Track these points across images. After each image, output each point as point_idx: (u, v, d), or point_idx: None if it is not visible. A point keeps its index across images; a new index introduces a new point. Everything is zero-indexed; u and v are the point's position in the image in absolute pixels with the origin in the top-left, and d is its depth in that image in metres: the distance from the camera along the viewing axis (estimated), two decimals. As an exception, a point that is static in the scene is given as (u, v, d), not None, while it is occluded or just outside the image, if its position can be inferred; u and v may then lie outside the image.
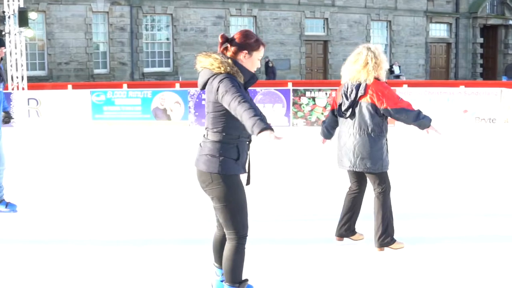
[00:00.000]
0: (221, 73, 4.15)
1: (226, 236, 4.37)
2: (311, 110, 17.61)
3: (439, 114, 17.28)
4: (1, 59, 7.45)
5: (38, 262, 5.72)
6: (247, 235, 4.36)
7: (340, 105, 5.88)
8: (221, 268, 4.65)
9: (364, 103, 5.71)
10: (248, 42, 4.29)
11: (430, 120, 5.73)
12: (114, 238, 6.58)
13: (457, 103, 17.54)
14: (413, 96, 17.51)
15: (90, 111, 18.18)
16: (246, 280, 4.46)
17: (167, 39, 32.23)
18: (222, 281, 4.65)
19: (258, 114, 3.93)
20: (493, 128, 16.97)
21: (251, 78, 4.32)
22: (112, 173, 10.53)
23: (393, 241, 5.91)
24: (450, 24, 41.10)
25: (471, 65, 41.88)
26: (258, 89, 18.03)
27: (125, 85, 19.62)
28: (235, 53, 4.27)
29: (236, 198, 4.28)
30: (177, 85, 19.80)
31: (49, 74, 29.26)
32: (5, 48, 7.38)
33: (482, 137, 15.21)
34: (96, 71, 30.40)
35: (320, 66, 36.48)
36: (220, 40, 4.29)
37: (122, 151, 13.32)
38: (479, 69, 41.67)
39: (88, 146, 14.20)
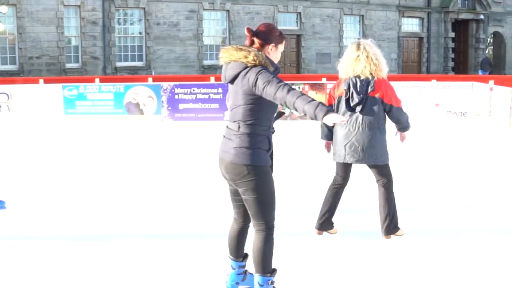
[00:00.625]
0: (255, 65, 4.23)
1: (255, 227, 4.44)
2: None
3: (411, 107, 17.38)
4: None
5: (20, 259, 5.68)
6: (275, 225, 4.46)
7: (348, 99, 5.94)
8: (237, 261, 4.74)
9: (374, 98, 5.86)
10: (274, 35, 4.41)
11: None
12: (90, 233, 6.55)
13: (429, 97, 17.67)
14: (385, 90, 17.58)
15: (62, 105, 18.04)
16: (276, 269, 4.54)
17: (140, 33, 32.04)
18: (239, 274, 4.76)
19: (312, 100, 4.03)
20: (465, 121, 17.12)
21: (276, 70, 4.40)
22: (86, 168, 10.47)
23: (397, 228, 6.13)
24: (422, 19, 41.38)
25: (443, 59, 42.21)
26: (231, 83, 18.00)
27: (97, 80, 19.50)
28: (262, 46, 4.37)
29: (269, 189, 4.38)
30: (150, 79, 19.70)
31: (20, 69, 28.95)
32: None
33: (453, 131, 15.34)
34: (68, 65, 30.11)
35: (293, 60, 36.51)
36: (247, 33, 4.37)
37: (95, 146, 13.24)
38: (451, 63, 42.01)
39: (60, 141, 14.08)
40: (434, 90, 17.88)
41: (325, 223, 6.24)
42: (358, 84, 5.86)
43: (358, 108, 5.89)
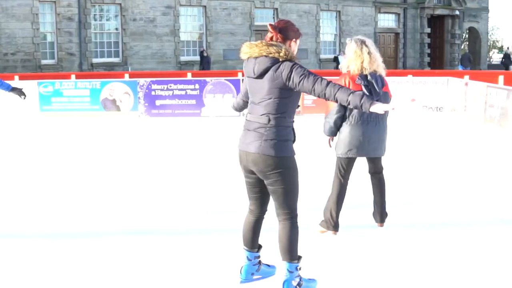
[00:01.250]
0: (286, 59, 4.39)
1: (281, 216, 4.58)
2: (262, 100, 17.60)
3: (387, 103, 17.49)
4: None
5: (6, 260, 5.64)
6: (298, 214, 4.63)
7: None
8: (252, 252, 4.84)
9: (386, 93, 6.06)
10: (294, 30, 4.62)
11: None
12: (71, 231, 6.52)
13: (405, 92, 17.77)
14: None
15: (37, 102, 17.90)
16: (301, 256, 4.66)
17: (116, 29, 31.87)
18: (254, 264, 4.87)
19: (352, 91, 4.31)
20: (440, 116, 17.25)
21: None
22: (63, 165, 10.41)
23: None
24: (398, 14, 41.59)
25: (419, 54, 42.48)
26: (208, 79, 18.00)
27: (73, 76, 19.39)
28: (283, 41, 4.53)
29: (296, 179, 4.55)
30: (126, 75, 19.64)
31: (-5, 65, 28.72)
32: None
33: (429, 125, 15.44)
34: (44, 61, 29.88)
35: (270, 56, 36.50)
36: (270, 29, 4.51)
37: (71, 143, 13.16)
38: (427, 59, 42.28)
39: (36, 138, 13.99)
40: (410, 85, 17.99)
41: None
42: (374, 79, 5.96)
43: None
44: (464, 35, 49.90)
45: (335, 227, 6.15)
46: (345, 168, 6.15)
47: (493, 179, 9.05)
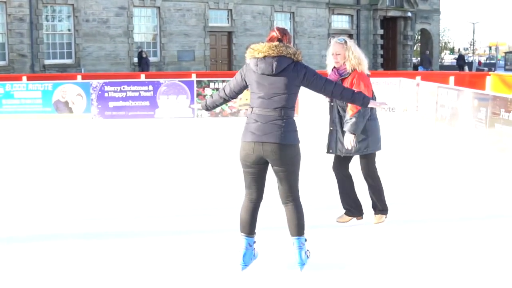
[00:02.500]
0: (299, 61, 5.10)
1: (287, 199, 5.15)
2: (216, 101, 17.55)
3: (341, 104, 17.63)
4: None
5: None
6: None
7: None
8: (251, 237, 5.22)
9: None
10: (290, 36, 5.26)
11: None
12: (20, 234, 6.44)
13: (358, 93, 17.90)
14: (315, 86, 17.78)
15: (-12, 104, 17.61)
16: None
17: (69, 30, 31.52)
18: (253, 250, 5.24)
19: (354, 91, 5.38)
20: (393, 116, 17.44)
21: None
22: (14, 169, 10.25)
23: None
24: (352, 16, 42.01)
25: (372, 55, 42.93)
26: (162, 80, 17.92)
27: (24, 78, 19.10)
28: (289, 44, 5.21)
29: (300, 163, 5.21)
30: (79, 77, 19.42)
31: None
32: None
33: (382, 125, 15.56)
34: (-6, 63, 29.45)
35: (225, 57, 36.54)
36: (279, 33, 5.16)
37: (23, 146, 12.97)
38: (380, 60, 42.79)
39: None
40: (363, 86, 18.12)
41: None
42: None
43: None
44: (416, 36, 50.64)
45: (387, 211, 6.67)
46: (375, 161, 6.78)
47: (445, 176, 9.20)
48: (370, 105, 5.35)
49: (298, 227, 5.15)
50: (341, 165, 6.67)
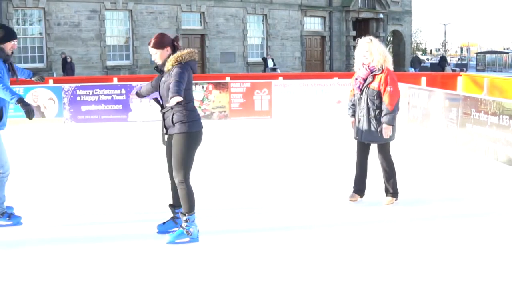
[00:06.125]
0: None
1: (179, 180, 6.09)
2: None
3: (314, 105, 17.72)
4: (12, 53, 7.22)
5: None
6: None
7: None
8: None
9: None
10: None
11: None
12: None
13: (331, 94, 18.02)
14: (288, 88, 17.87)
15: (-42, 109, 17.37)
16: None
17: (40, 33, 31.28)
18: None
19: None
20: (366, 118, 17.50)
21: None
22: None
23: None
24: (324, 18, 42.19)
25: (345, 57, 43.18)
26: (134, 83, 17.81)
27: (-5, 82, 18.87)
28: None
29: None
30: (51, 81, 19.26)
31: None
32: (17, 40, 7.08)
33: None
34: (-36, 68, 29.08)
35: (198, 60, 36.37)
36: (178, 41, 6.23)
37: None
38: (353, 61, 42.39)
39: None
40: (336, 87, 18.24)
41: None
42: None
43: None
44: (388, 37, 50.96)
45: (398, 194, 7.62)
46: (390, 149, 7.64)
47: (417, 176, 9.28)
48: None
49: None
50: (363, 151, 7.74)
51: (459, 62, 72.16)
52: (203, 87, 17.60)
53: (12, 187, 8.98)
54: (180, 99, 5.70)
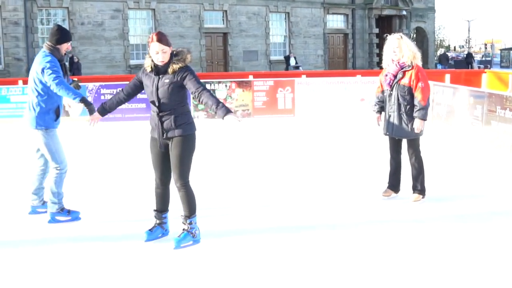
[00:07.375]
0: None
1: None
2: (212, 103, 17.53)
3: (337, 103, 17.67)
4: (65, 54, 7.28)
5: None
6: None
7: None
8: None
9: None
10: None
11: None
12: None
13: (355, 92, 17.96)
14: (311, 86, 17.83)
15: (-16, 109, 17.57)
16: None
17: (64, 33, 31.41)
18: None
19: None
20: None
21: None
22: (13, 172, 10.23)
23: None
24: (347, 15, 42.03)
25: (368, 54, 42.98)
26: (158, 82, 17.84)
27: (20, 82, 19.06)
28: None
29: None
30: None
31: None
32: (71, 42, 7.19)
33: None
34: (-10, 67, 29.42)
35: (221, 58, 36.55)
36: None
37: (20, 150, 12.94)
38: (376, 59, 42.77)
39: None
40: (359, 85, 18.17)
41: None
42: None
43: None
44: (411, 34, 50.62)
45: (425, 192, 7.62)
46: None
47: (442, 174, 9.21)
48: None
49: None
50: (396, 147, 7.73)
51: (483, 58, 71.59)
52: (226, 85, 17.62)
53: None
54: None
